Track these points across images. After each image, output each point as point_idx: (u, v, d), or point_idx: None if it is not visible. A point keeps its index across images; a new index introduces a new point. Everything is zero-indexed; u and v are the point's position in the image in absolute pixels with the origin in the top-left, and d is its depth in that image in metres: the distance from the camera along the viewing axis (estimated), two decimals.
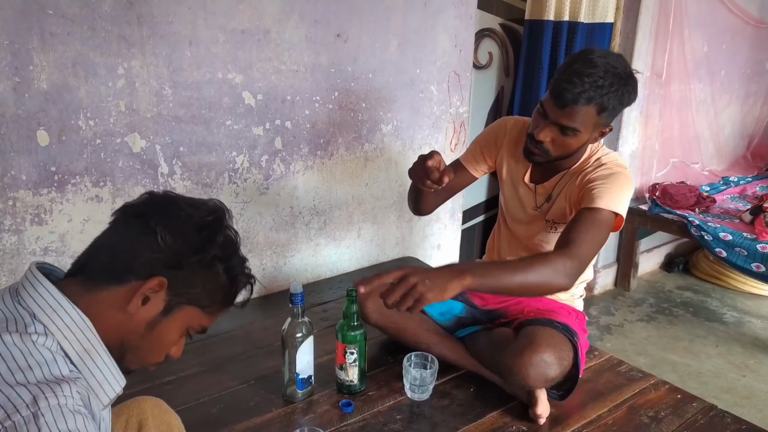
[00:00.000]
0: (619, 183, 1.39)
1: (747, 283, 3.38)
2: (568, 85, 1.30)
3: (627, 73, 1.34)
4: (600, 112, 1.33)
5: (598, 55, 1.32)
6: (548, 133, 1.38)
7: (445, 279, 1.11)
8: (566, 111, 1.33)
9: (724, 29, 3.49)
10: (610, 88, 1.30)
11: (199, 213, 0.83)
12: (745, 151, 4.09)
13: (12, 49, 1.41)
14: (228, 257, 0.84)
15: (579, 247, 1.28)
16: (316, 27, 1.88)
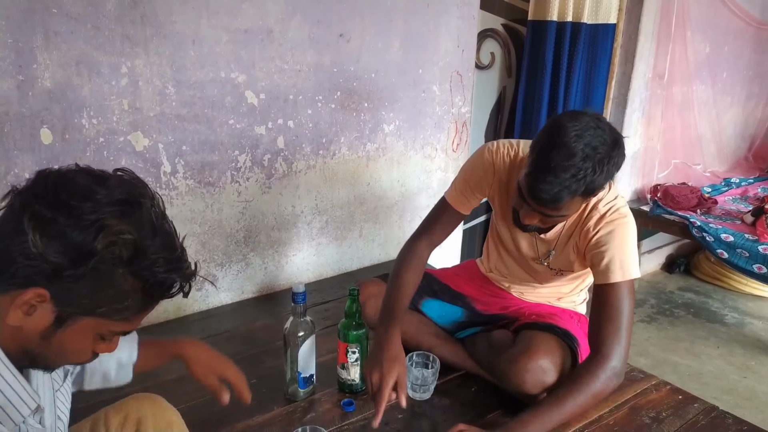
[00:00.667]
0: (624, 242, 1.32)
1: (748, 285, 3.38)
2: (545, 185, 1.16)
3: (610, 146, 1.17)
4: (588, 195, 1.22)
5: (574, 136, 1.14)
6: (534, 218, 1.28)
7: None
8: (549, 207, 1.22)
9: (726, 31, 3.49)
10: (593, 175, 1.15)
11: (92, 204, 0.69)
12: (746, 153, 4.09)
13: (16, 48, 1.42)
14: (129, 260, 0.70)
15: (612, 343, 1.27)
16: (318, 27, 1.88)
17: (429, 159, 2.34)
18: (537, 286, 1.62)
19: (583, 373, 1.28)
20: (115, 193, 0.71)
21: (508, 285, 1.66)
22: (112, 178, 0.74)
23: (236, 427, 1.33)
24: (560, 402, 1.25)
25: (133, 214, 0.71)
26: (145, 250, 0.71)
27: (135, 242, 0.70)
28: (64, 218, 0.67)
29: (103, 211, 0.69)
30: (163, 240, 0.73)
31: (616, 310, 1.30)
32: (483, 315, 1.63)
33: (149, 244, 0.71)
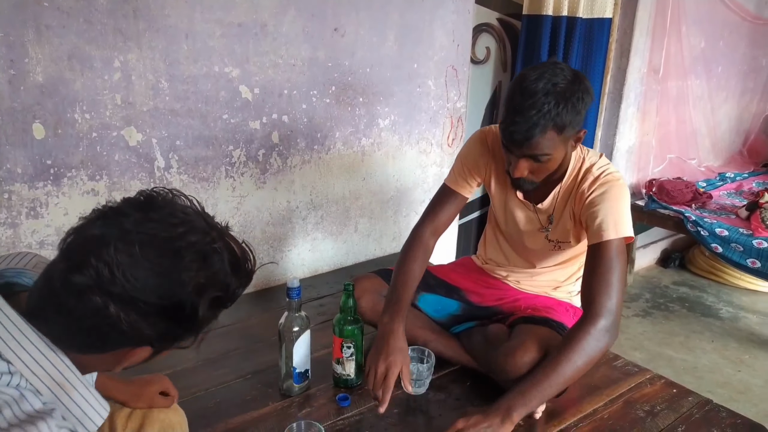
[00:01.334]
0: (617, 201, 1.36)
1: (743, 279, 3.40)
2: (514, 126, 1.25)
3: (570, 81, 1.26)
4: (561, 132, 1.27)
5: (534, 79, 1.24)
6: (523, 168, 1.33)
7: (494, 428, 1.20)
8: (525, 146, 1.28)
9: (722, 25, 3.50)
10: (557, 108, 1.23)
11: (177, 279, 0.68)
12: (741, 148, 4.11)
13: (7, 42, 1.40)
14: (221, 302, 0.73)
15: (603, 301, 1.28)
16: (313, 21, 1.87)
17: (424, 154, 2.34)
18: (534, 273, 1.63)
19: (576, 334, 1.27)
20: (192, 239, 0.70)
21: (505, 274, 1.67)
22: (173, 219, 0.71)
23: (231, 423, 1.33)
24: (557, 367, 1.25)
25: (212, 264, 0.71)
26: (229, 292, 0.73)
27: (221, 291, 0.72)
28: (161, 299, 0.68)
29: (193, 271, 0.69)
30: (231, 258, 0.73)
31: (607, 268, 1.30)
32: (478, 307, 1.64)
33: (230, 284, 0.73)
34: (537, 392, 1.24)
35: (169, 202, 0.73)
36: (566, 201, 1.46)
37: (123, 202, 0.71)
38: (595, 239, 1.34)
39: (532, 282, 1.64)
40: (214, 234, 0.72)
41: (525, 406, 1.23)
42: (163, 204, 0.72)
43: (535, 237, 1.55)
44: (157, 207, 0.71)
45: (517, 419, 1.22)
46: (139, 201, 0.71)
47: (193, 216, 0.72)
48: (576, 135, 1.35)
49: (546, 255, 1.58)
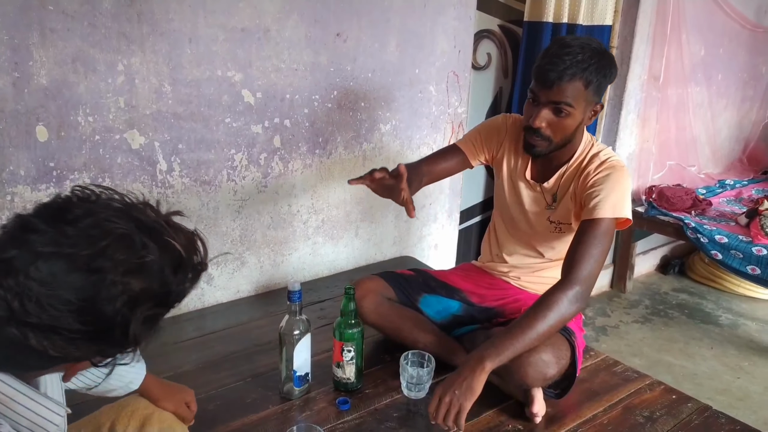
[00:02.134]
0: (618, 184, 1.42)
1: (742, 286, 3.40)
2: (550, 65, 1.35)
3: (602, 49, 1.39)
4: (587, 86, 1.37)
5: (571, 39, 1.39)
6: (543, 117, 1.41)
7: (469, 380, 1.24)
8: (555, 89, 1.37)
9: (722, 33, 3.51)
10: (590, 61, 1.35)
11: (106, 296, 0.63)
12: (741, 155, 4.12)
13: (12, 45, 1.41)
14: (161, 302, 0.69)
15: (582, 270, 1.34)
16: (315, 26, 1.88)
17: None
18: (535, 266, 1.65)
19: (553, 296, 1.32)
20: (118, 263, 0.63)
21: (507, 270, 1.69)
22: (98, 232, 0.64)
23: (231, 425, 1.33)
24: (533, 324, 1.29)
25: (143, 278, 0.65)
26: (170, 297, 0.70)
27: (157, 302, 0.68)
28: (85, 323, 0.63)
29: (119, 290, 0.64)
30: (171, 261, 0.68)
31: (593, 243, 1.37)
32: (479, 308, 1.65)
33: (170, 290, 0.69)
34: (510, 345, 1.28)
35: (89, 207, 0.65)
36: (570, 182, 1.51)
37: (34, 213, 0.64)
38: (589, 215, 1.40)
39: (533, 278, 1.66)
40: (145, 240, 0.65)
41: (498, 356, 1.26)
42: (83, 212, 0.64)
43: (538, 217, 1.59)
44: (73, 217, 0.63)
45: (490, 369, 1.26)
46: (52, 210, 0.64)
47: (120, 221, 0.65)
48: (593, 107, 1.44)
49: (546, 238, 1.61)
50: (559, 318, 1.31)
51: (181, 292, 0.70)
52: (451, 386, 1.24)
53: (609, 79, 1.42)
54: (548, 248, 1.63)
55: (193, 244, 0.72)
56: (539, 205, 1.59)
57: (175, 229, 0.71)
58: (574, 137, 1.48)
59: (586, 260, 1.35)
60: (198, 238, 0.73)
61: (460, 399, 1.23)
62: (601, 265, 1.38)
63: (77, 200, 0.66)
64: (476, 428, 1.37)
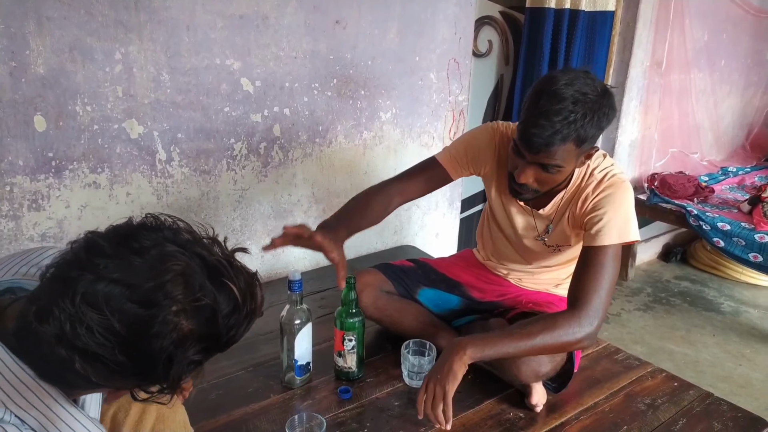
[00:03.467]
0: (621, 205, 1.33)
1: (744, 273, 3.40)
2: (537, 129, 1.19)
3: (599, 94, 1.22)
4: (579, 145, 1.24)
5: (564, 84, 1.19)
6: (530, 175, 1.29)
7: (449, 365, 1.21)
8: (542, 153, 1.23)
9: (725, 19, 3.48)
10: (583, 120, 1.19)
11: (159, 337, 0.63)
12: (744, 142, 4.09)
13: (8, 34, 1.40)
14: (214, 344, 0.69)
15: (589, 303, 1.26)
16: (315, 13, 1.86)
17: (426, 147, 2.33)
18: (534, 271, 1.62)
19: (559, 320, 1.25)
20: (175, 301, 0.63)
21: (506, 272, 1.67)
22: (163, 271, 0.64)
23: (233, 414, 1.34)
24: (529, 338, 1.23)
25: (196, 318, 0.65)
26: (220, 342, 0.69)
27: (204, 345, 0.67)
28: (131, 357, 0.63)
29: (170, 328, 0.63)
30: (225, 308, 0.67)
31: (601, 272, 1.28)
32: (479, 302, 1.63)
33: (220, 333, 0.68)
34: (498, 345, 1.23)
35: (157, 239, 0.65)
36: (567, 207, 1.42)
37: (104, 236, 0.65)
38: (593, 242, 1.31)
39: (534, 280, 1.64)
40: (204, 281, 0.65)
41: (481, 350, 1.22)
42: (151, 243, 0.65)
43: (533, 241, 1.53)
44: (141, 247, 0.64)
45: (470, 357, 1.22)
46: (122, 236, 0.65)
47: (184, 258, 0.65)
48: (589, 151, 1.31)
49: (545, 257, 1.56)
50: (558, 344, 1.25)
51: (232, 337, 0.70)
52: (434, 372, 1.23)
53: (608, 125, 1.27)
54: (545, 262, 1.58)
55: (252, 288, 0.71)
56: (532, 232, 1.51)
57: (237, 271, 0.70)
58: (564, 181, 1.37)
59: (594, 292, 1.26)
60: (257, 282, 0.73)
61: (443, 382, 1.19)
62: (610, 293, 1.29)
63: (147, 229, 0.66)
64: (477, 416, 1.37)
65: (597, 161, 1.40)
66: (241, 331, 0.71)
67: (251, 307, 0.71)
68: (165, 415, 1.06)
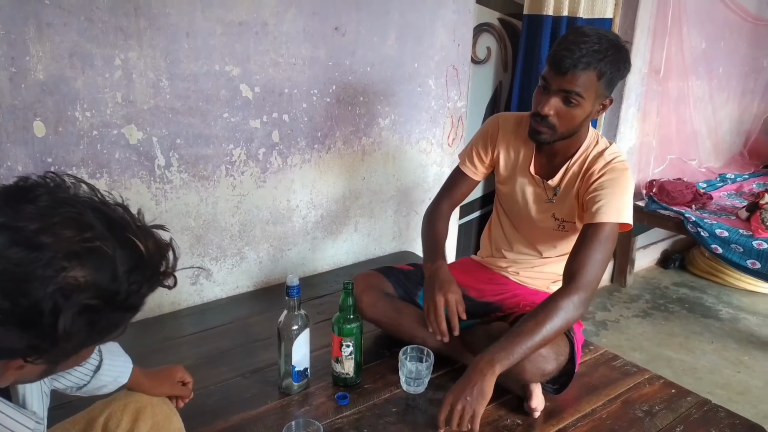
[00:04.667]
0: (623, 188, 1.42)
1: (743, 280, 3.40)
2: (566, 52, 1.33)
3: (620, 43, 1.38)
4: (599, 78, 1.35)
5: (590, 28, 1.37)
6: (553, 105, 1.39)
7: (480, 384, 1.23)
8: (568, 77, 1.35)
9: (723, 26, 3.50)
10: (606, 52, 1.33)
11: (39, 278, 0.59)
12: (742, 149, 4.11)
13: (8, 40, 1.40)
14: (109, 300, 0.64)
15: (586, 275, 1.34)
16: (314, 20, 1.87)
17: (424, 153, 2.34)
18: (534, 263, 1.65)
19: (559, 301, 1.33)
20: (62, 242, 0.60)
21: (505, 265, 1.69)
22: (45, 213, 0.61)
23: (230, 421, 1.33)
24: (539, 327, 1.29)
25: (85, 264, 0.61)
26: (116, 299, 0.64)
27: (98, 298, 0.62)
28: (15, 303, 0.59)
29: (56, 271, 0.59)
30: (129, 259, 0.64)
31: (597, 248, 1.36)
32: (478, 302, 1.64)
33: (118, 290, 0.64)
34: (518, 348, 1.27)
35: (55, 191, 0.63)
36: (575, 180, 1.50)
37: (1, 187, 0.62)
38: (592, 219, 1.39)
39: (532, 273, 1.66)
40: (101, 228, 0.62)
41: (507, 359, 1.26)
42: (46, 193, 0.62)
43: (542, 214, 1.58)
44: (34, 196, 0.62)
45: (499, 371, 1.25)
46: (17, 189, 0.63)
47: (79, 206, 0.63)
48: (603, 100, 1.42)
49: (550, 236, 1.60)
50: (564, 322, 1.32)
51: (133, 293, 0.65)
52: (462, 392, 1.23)
53: (622, 74, 1.40)
54: (550, 247, 1.62)
55: (162, 251, 0.68)
56: (542, 200, 1.58)
57: (145, 232, 0.68)
58: (579, 129, 1.46)
59: (590, 265, 1.35)
60: (171, 249, 0.70)
61: (473, 405, 1.22)
62: (604, 269, 1.38)
63: (46, 185, 0.64)
64: None
65: (604, 143, 1.51)
66: (143, 291, 0.66)
67: (158, 269, 0.67)
68: (160, 423, 1.05)
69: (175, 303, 1.87)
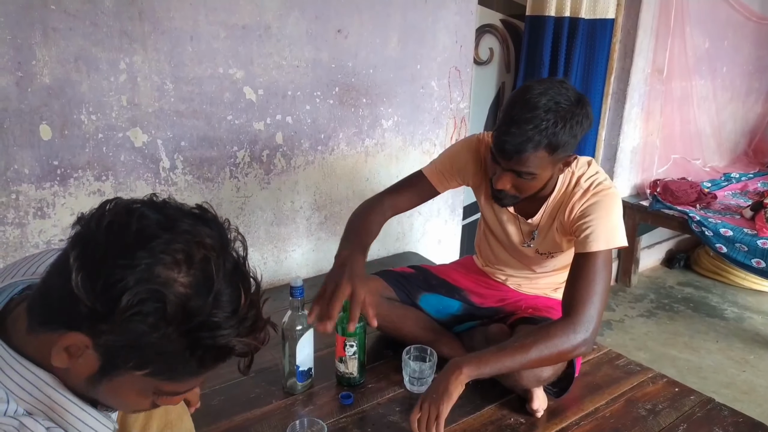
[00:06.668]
0: (608, 211, 1.34)
1: (747, 279, 3.39)
2: (508, 137, 1.22)
3: (573, 102, 1.24)
4: (552, 152, 1.25)
5: (537, 93, 1.22)
6: (506, 182, 1.32)
7: (445, 384, 1.22)
8: (514, 161, 1.26)
9: (726, 25, 3.49)
10: (554, 127, 1.21)
11: (145, 251, 0.60)
12: (746, 148, 4.09)
13: (15, 44, 1.42)
14: (177, 316, 0.60)
15: (585, 311, 1.27)
16: (316, 22, 1.89)
17: (427, 155, 2.35)
18: (532, 277, 1.63)
19: (555, 330, 1.26)
20: (179, 239, 0.61)
21: (504, 278, 1.68)
22: (186, 219, 0.64)
23: (235, 420, 1.34)
24: (526, 351, 1.24)
25: (191, 264, 0.61)
26: (193, 309, 0.61)
27: (181, 298, 0.61)
28: (112, 261, 0.59)
29: (156, 258, 0.60)
30: (225, 298, 0.63)
31: (592, 278, 1.29)
32: (480, 308, 1.64)
33: (201, 302, 0.62)
34: (495, 362, 1.24)
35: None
36: (554, 216, 1.44)
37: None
38: (583, 249, 1.33)
39: (532, 285, 1.65)
40: (224, 260, 0.64)
41: (478, 368, 1.23)
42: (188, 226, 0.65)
43: (525, 247, 1.55)
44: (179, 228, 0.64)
45: (467, 376, 1.23)
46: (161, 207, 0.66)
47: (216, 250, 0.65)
48: (566, 159, 1.33)
49: (540, 262, 1.57)
50: (555, 354, 1.26)
51: (206, 328, 0.63)
52: (430, 392, 1.24)
53: (582, 132, 1.28)
54: (541, 267, 1.59)
55: (257, 321, 0.68)
56: (524, 237, 1.54)
57: (255, 299, 0.69)
58: (547, 186, 1.39)
59: (589, 299, 1.27)
60: (266, 329, 0.71)
61: (437, 404, 1.21)
62: (604, 300, 1.30)
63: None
64: (478, 422, 1.37)
65: (582, 169, 1.41)
66: (214, 335, 0.63)
67: (248, 320, 0.66)
68: (173, 422, 1.06)
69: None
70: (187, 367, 0.66)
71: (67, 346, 0.62)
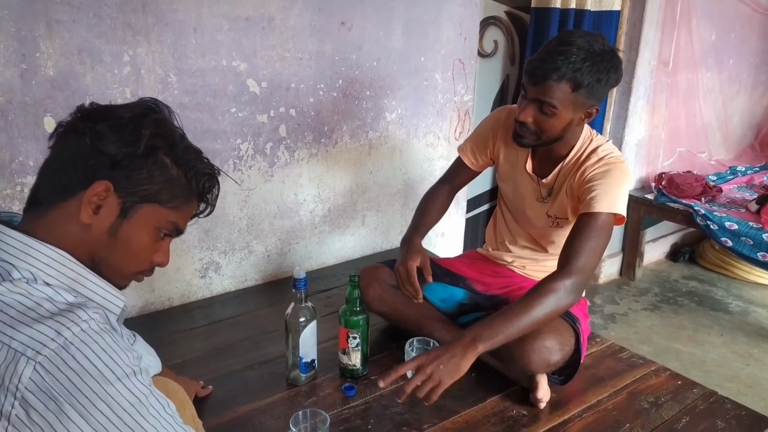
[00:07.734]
0: (617, 180, 1.40)
1: (753, 273, 3.38)
2: (539, 62, 1.32)
3: (605, 51, 1.33)
4: (575, 89, 1.32)
5: (577, 36, 1.32)
6: (529, 113, 1.38)
7: (458, 358, 1.22)
8: (539, 87, 1.33)
9: (733, 18, 3.47)
10: (582, 63, 1.29)
11: (126, 110, 0.82)
12: (753, 141, 4.07)
13: (19, 37, 1.43)
14: (169, 146, 0.83)
15: (579, 261, 1.33)
16: (320, 15, 1.88)
17: (431, 147, 2.34)
18: (538, 258, 1.66)
19: (551, 285, 1.31)
20: (138, 102, 0.86)
21: (510, 260, 1.70)
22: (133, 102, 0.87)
23: (238, 411, 1.35)
24: (529, 310, 1.28)
25: (163, 118, 0.85)
26: (178, 143, 0.85)
27: (171, 134, 0.84)
28: (112, 119, 0.80)
29: (139, 114, 0.82)
30: (188, 142, 0.88)
31: (591, 236, 1.35)
32: (484, 296, 1.65)
33: (180, 140, 0.86)
34: (504, 329, 1.26)
35: None
36: (567, 177, 1.50)
37: None
38: (586, 209, 1.38)
39: (537, 267, 1.67)
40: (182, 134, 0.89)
41: (491, 339, 1.25)
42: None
43: (537, 212, 1.59)
44: None
45: (481, 350, 1.24)
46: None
47: None
48: (587, 109, 1.39)
49: (546, 232, 1.61)
50: (555, 306, 1.30)
51: (189, 159, 0.87)
52: (437, 359, 1.21)
53: (607, 83, 1.36)
54: (549, 242, 1.63)
55: (210, 167, 0.92)
56: (537, 198, 1.59)
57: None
58: (565, 135, 1.44)
59: (584, 252, 1.34)
60: (216, 176, 0.94)
61: (443, 375, 1.20)
62: (598, 258, 1.38)
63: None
64: (480, 413, 1.38)
65: (601, 141, 1.49)
66: (200, 160, 0.89)
67: (201, 152, 0.91)
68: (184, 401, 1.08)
69: (185, 296, 1.89)
70: (183, 193, 0.86)
71: (96, 193, 0.77)
